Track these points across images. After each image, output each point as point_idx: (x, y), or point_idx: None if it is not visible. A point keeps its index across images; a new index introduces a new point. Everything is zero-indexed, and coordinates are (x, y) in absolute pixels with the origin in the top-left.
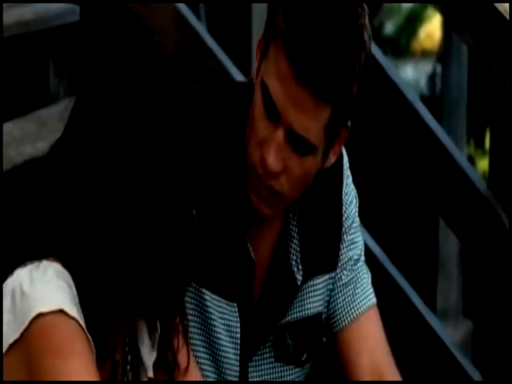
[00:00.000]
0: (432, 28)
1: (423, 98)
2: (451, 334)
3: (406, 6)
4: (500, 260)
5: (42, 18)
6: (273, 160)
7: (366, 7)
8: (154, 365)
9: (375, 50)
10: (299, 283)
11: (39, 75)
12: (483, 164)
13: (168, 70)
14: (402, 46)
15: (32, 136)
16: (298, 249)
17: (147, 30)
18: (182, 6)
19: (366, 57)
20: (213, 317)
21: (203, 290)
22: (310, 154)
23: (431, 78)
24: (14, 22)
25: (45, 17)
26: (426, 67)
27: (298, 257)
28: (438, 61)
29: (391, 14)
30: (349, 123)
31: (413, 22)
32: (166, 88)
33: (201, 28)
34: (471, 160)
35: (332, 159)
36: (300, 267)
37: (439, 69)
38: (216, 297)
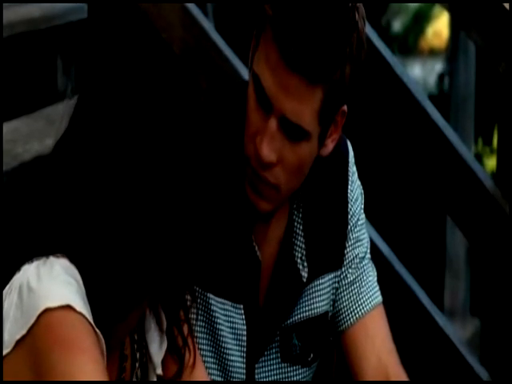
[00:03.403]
0: (440, 26)
1: (431, 97)
2: (459, 332)
3: (414, 4)
4: (507, 258)
5: (49, 16)
6: (267, 151)
7: None
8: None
9: (383, 48)
10: (305, 280)
11: (47, 73)
12: (491, 162)
13: (174, 68)
14: (409, 44)
15: (39, 133)
16: (304, 246)
17: (155, 28)
18: (190, 4)
19: (358, 38)
20: (219, 320)
21: (208, 295)
22: (304, 140)
23: (440, 77)
24: (22, 19)
25: (53, 14)
26: (434, 66)
27: (303, 254)
28: (446, 59)
29: (399, 12)
30: (345, 108)
31: (420, 21)
32: (171, 86)
33: (208, 26)
34: (479, 158)
35: (330, 147)
36: (305, 264)
37: (447, 67)
38: (221, 300)
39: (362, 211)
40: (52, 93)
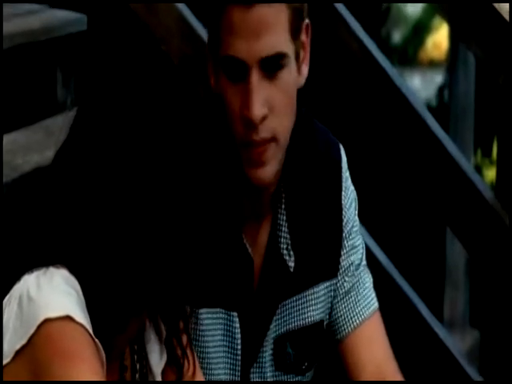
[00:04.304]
0: (439, 38)
1: (431, 108)
2: (458, 343)
3: (414, 15)
4: (507, 270)
5: (49, 27)
6: (257, 107)
7: None
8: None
9: (382, 59)
10: (292, 270)
11: (46, 84)
12: (490, 173)
13: (173, 79)
14: (409, 55)
15: (39, 145)
16: (288, 236)
17: (154, 39)
18: (188, 14)
19: None
20: (210, 333)
21: (200, 311)
22: (284, 66)
23: (440, 88)
24: (22, 31)
25: (52, 26)
26: (434, 77)
27: (288, 244)
28: (445, 71)
29: (398, 23)
30: (308, 22)
31: (420, 32)
32: (171, 98)
33: (206, 36)
34: (478, 169)
35: (305, 71)
36: (291, 253)
37: (447, 79)
38: (215, 309)
39: (357, 217)
40: (52, 104)
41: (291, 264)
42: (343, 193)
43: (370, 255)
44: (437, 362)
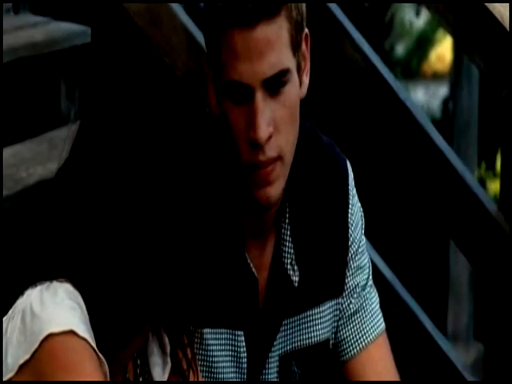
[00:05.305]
0: (443, 51)
1: (435, 121)
2: (462, 356)
3: (417, 28)
4: (510, 282)
5: (52, 40)
6: (263, 128)
7: None
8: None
9: (386, 72)
10: (296, 285)
11: (50, 97)
12: (494, 186)
13: (178, 93)
14: (412, 68)
15: (43, 157)
16: (292, 251)
17: (158, 52)
18: (193, 28)
19: None
20: (215, 353)
21: (204, 330)
22: (287, 82)
23: (444, 101)
24: (25, 43)
25: (56, 38)
26: (437, 90)
27: (292, 259)
28: (449, 84)
29: (402, 36)
30: (307, 31)
31: (424, 45)
32: (176, 111)
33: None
34: (482, 182)
35: (306, 82)
36: (295, 268)
37: (451, 92)
38: (220, 330)
39: (363, 236)
40: (55, 117)
41: (295, 279)
42: (350, 210)
43: (374, 269)
44: (440, 375)
